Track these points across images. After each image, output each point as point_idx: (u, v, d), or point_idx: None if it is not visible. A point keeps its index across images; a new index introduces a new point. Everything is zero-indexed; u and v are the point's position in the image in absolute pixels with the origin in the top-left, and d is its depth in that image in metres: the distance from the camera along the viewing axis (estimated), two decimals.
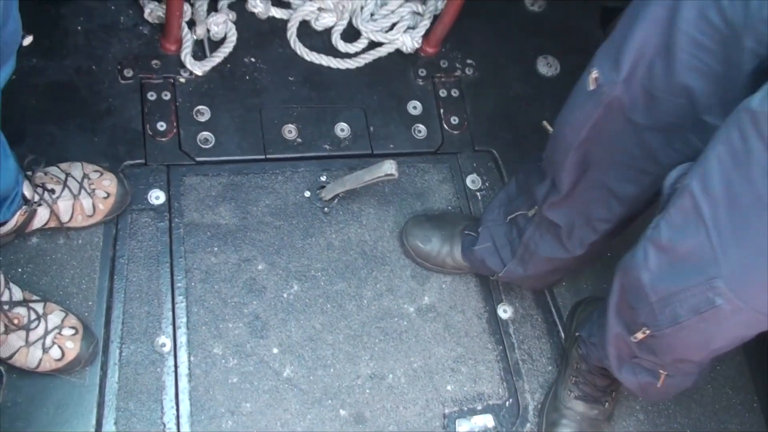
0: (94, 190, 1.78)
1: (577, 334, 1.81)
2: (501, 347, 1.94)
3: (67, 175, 1.77)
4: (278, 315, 1.86)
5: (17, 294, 1.63)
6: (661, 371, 1.50)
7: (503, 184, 2.10)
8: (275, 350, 1.83)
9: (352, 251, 1.97)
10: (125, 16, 2.08)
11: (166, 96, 2.00)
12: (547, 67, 2.38)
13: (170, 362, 1.76)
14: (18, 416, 1.63)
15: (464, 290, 1.99)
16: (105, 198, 1.79)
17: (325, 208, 1.99)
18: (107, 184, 1.80)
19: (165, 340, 1.78)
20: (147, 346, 1.77)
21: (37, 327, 1.62)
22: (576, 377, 1.83)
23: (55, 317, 1.65)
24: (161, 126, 1.96)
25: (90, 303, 1.77)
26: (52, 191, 1.73)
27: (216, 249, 1.89)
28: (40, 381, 1.66)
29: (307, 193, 2.00)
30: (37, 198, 1.70)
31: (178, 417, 1.71)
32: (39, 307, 1.64)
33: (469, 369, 1.90)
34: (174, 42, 2.01)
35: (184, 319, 1.81)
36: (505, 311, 1.99)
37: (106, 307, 1.77)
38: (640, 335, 1.39)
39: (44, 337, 1.62)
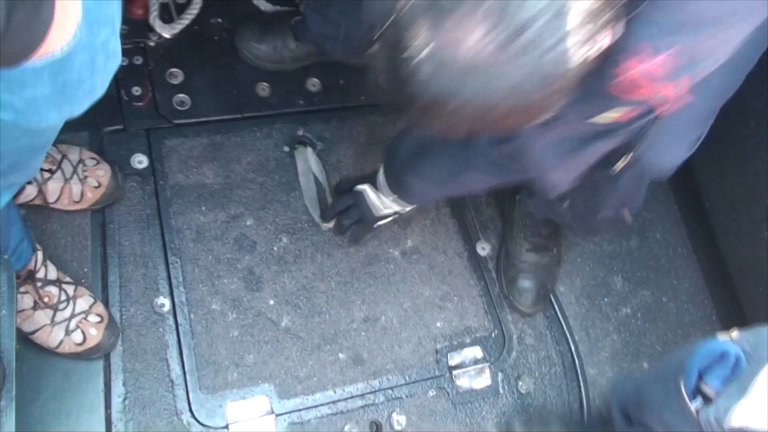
0: (86, 177, 1.78)
1: (516, 197, 2.00)
2: (483, 283, 2.05)
3: (63, 156, 1.76)
4: (271, 268, 1.92)
5: (52, 273, 1.65)
6: None
7: None
8: (271, 302, 1.89)
9: None
10: None
11: (138, 60, 2.00)
12: None
13: (171, 321, 1.80)
14: (26, 386, 1.65)
15: (444, 232, 2.08)
16: (95, 187, 1.79)
17: None
18: (101, 174, 1.79)
19: (164, 301, 1.81)
20: (146, 308, 1.80)
21: (65, 309, 1.64)
22: (524, 232, 2.01)
23: (83, 302, 1.67)
24: (136, 91, 1.97)
25: (86, 270, 1.79)
26: (45, 171, 1.73)
27: (204, 208, 1.92)
28: (45, 351, 1.68)
29: (286, 148, 2.04)
30: None
31: (184, 373, 1.76)
32: (70, 290, 1.66)
33: (455, 305, 2.00)
34: (141, 6, 2.01)
35: (180, 279, 1.84)
36: (483, 248, 2.09)
37: (101, 272, 1.80)
38: None
39: (70, 319, 1.64)
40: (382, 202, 1.82)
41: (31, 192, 1.72)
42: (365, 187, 1.83)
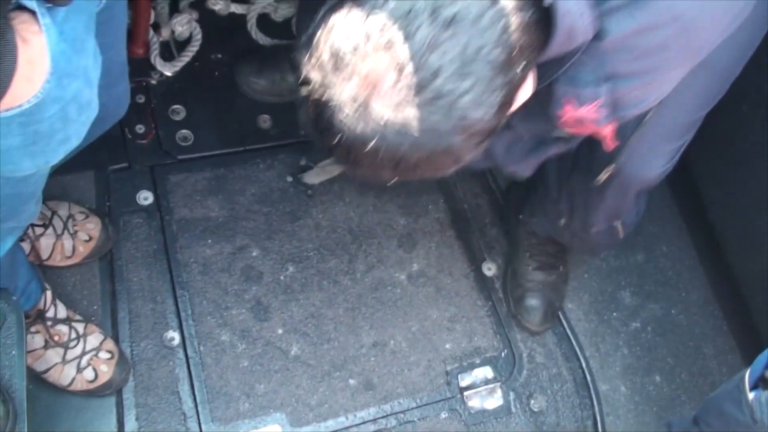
0: (76, 231, 1.80)
1: (520, 217, 2.00)
2: (490, 303, 2.05)
3: (54, 213, 1.79)
4: (278, 297, 1.93)
5: (62, 312, 1.67)
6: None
7: None
8: (280, 331, 1.90)
9: (339, 229, 2.05)
10: None
11: (141, 99, 2.04)
12: None
13: (181, 355, 1.82)
14: (40, 424, 1.67)
15: (449, 254, 2.09)
16: (86, 241, 1.81)
17: (309, 191, 2.06)
18: (91, 227, 1.82)
19: (173, 334, 1.83)
20: (156, 342, 1.82)
21: (75, 346, 1.66)
22: (530, 251, 2.02)
23: (94, 339, 1.70)
24: (140, 129, 2.00)
25: (95, 307, 1.81)
26: (36, 227, 1.75)
27: (210, 241, 1.95)
28: (57, 389, 1.70)
29: (290, 178, 2.06)
30: None
31: (196, 405, 1.77)
32: (80, 327, 1.68)
33: (464, 326, 2.01)
34: (141, 46, 2.05)
35: (189, 312, 1.86)
36: (489, 269, 2.09)
37: (110, 309, 1.82)
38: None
39: (81, 357, 1.66)
40: None
41: (25, 249, 1.74)
42: None
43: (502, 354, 2.00)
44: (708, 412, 1.69)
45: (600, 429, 1.97)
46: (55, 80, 0.90)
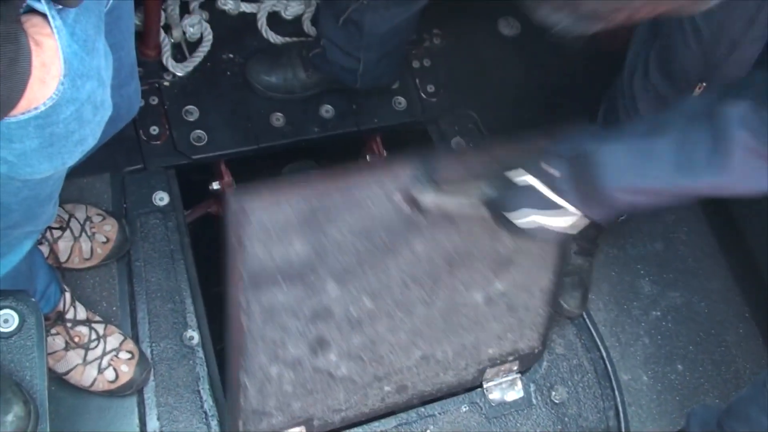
0: (94, 233, 1.81)
1: None
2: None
3: (71, 216, 1.80)
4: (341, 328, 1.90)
5: (81, 313, 1.68)
6: None
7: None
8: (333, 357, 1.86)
9: (437, 258, 1.68)
10: None
11: (154, 101, 2.05)
12: (509, 27, 2.47)
13: (200, 353, 1.82)
14: (63, 426, 1.68)
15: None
16: (104, 243, 1.82)
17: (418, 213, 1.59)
18: (108, 229, 1.83)
19: (192, 333, 1.84)
20: (176, 342, 1.82)
21: (96, 347, 1.67)
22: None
23: (113, 340, 1.71)
24: (154, 130, 2.01)
25: (114, 308, 1.82)
26: (54, 230, 1.77)
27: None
28: (79, 390, 1.71)
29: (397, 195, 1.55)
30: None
31: (217, 404, 1.78)
32: (100, 328, 1.70)
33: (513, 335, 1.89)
34: (153, 47, 2.06)
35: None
36: None
37: (130, 309, 1.83)
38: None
39: (101, 357, 1.68)
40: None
41: (43, 252, 1.75)
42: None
43: (535, 351, 1.99)
44: (732, 417, 1.67)
45: (622, 419, 1.95)
46: (69, 81, 0.91)
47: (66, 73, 0.89)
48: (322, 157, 2.61)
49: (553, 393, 1.95)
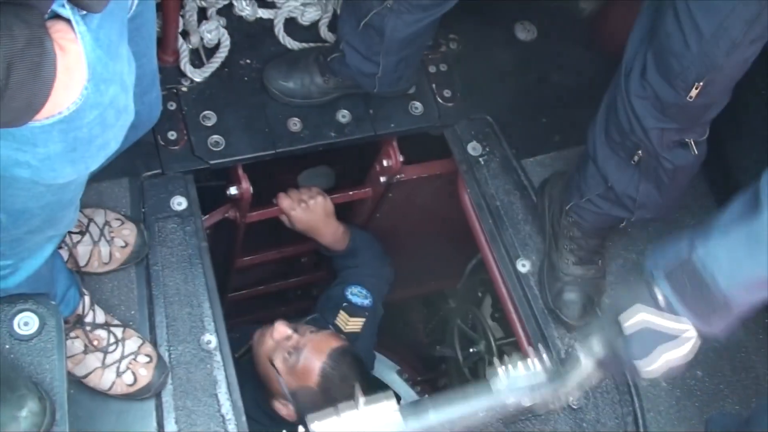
0: (113, 238, 1.82)
1: (566, 207, 1.95)
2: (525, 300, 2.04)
3: (90, 220, 1.82)
4: None
5: (100, 317, 1.70)
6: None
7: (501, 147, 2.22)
8: None
9: None
10: None
11: (172, 106, 2.06)
12: (525, 32, 2.47)
13: (218, 357, 1.83)
14: (82, 428, 1.69)
15: None
16: (123, 247, 1.83)
17: None
18: (127, 233, 1.84)
19: (210, 337, 1.84)
20: (194, 345, 1.83)
21: (114, 351, 1.69)
22: (570, 245, 1.98)
23: (132, 343, 1.72)
24: (172, 135, 2.02)
25: (133, 312, 1.83)
26: (73, 235, 1.78)
27: None
28: (98, 393, 1.72)
29: None
30: None
31: (234, 407, 1.78)
32: (118, 332, 1.71)
33: None
34: (171, 54, 2.07)
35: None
36: (523, 265, 2.08)
37: (148, 313, 1.84)
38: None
39: (120, 361, 1.69)
40: None
41: (63, 256, 1.76)
42: None
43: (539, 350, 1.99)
44: (753, 426, 1.65)
45: (641, 425, 1.94)
46: (93, 86, 0.91)
47: (90, 78, 0.90)
48: (338, 161, 2.63)
49: (571, 398, 1.93)
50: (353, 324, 2.16)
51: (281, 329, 1.90)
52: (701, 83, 1.48)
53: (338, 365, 1.87)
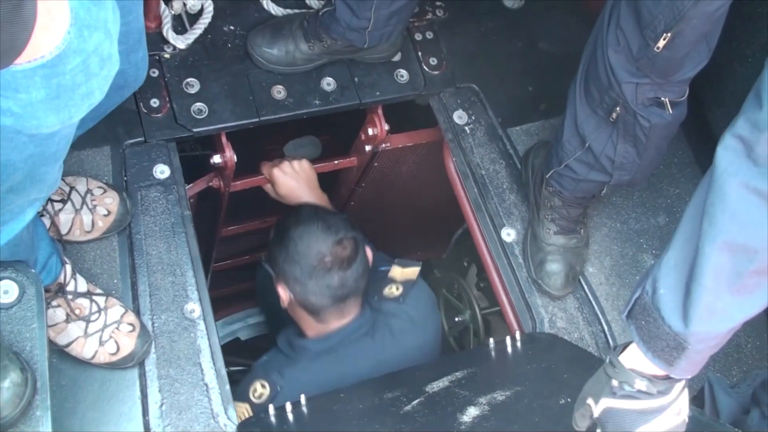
0: (95, 206, 1.80)
1: (546, 176, 1.96)
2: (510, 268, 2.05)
3: (72, 188, 1.79)
4: None
5: (82, 285, 1.68)
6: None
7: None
8: None
9: None
10: None
11: (155, 73, 2.03)
12: (512, 0, 2.45)
13: (201, 326, 1.82)
14: (65, 397, 1.69)
15: None
16: (105, 216, 1.81)
17: None
18: (109, 201, 1.82)
19: (193, 306, 1.84)
20: (177, 314, 1.83)
21: (97, 319, 1.67)
22: (551, 215, 1.99)
23: (114, 312, 1.71)
24: (155, 102, 2.00)
25: (115, 281, 1.82)
26: (55, 203, 1.76)
27: None
28: (81, 362, 1.71)
29: None
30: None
31: (218, 376, 1.78)
32: (101, 301, 1.69)
33: None
34: (154, 19, 2.04)
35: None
36: (508, 234, 2.08)
37: (131, 282, 1.83)
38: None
39: (102, 330, 1.67)
40: None
41: (45, 224, 1.75)
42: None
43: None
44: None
45: None
46: (76, 31, 0.90)
47: (72, 23, 0.89)
48: (322, 129, 2.61)
49: None
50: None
51: None
52: (669, 34, 1.48)
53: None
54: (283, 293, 1.88)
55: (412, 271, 1.99)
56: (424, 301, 2.01)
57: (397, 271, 1.99)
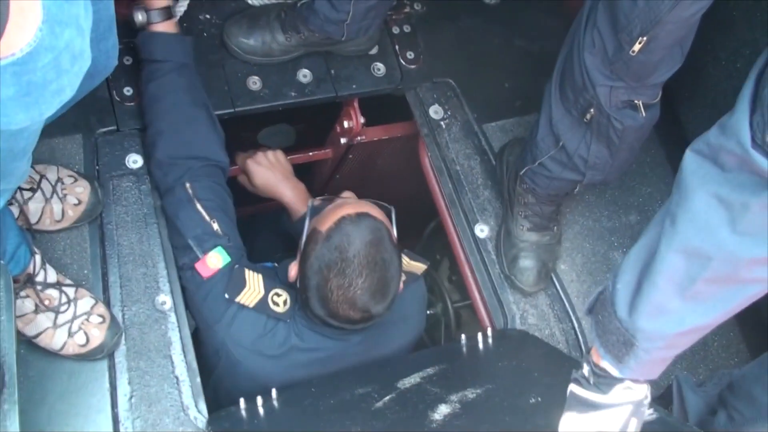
0: (65, 195, 1.78)
1: (521, 173, 1.97)
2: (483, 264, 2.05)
3: (42, 177, 1.77)
4: None
5: (52, 276, 1.66)
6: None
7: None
8: None
9: None
10: None
11: (128, 61, 2.00)
12: None
13: (173, 318, 1.81)
14: (33, 389, 1.67)
15: None
16: (75, 205, 1.79)
17: None
18: (80, 191, 1.80)
19: (165, 298, 1.82)
20: (148, 306, 1.81)
21: (66, 311, 1.65)
22: (525, 211, 2.01)
23: (84, 303, 1.69)
24: (128, 91, 1.98)
25: (85, 271, 1.80)
26: (25, 191, 1.73)
27: None
28: (49, 353, 1.69)
29: None
30: None
31: (189, 369, 1.77)
32: (71, 292, 1.67)
33: None
34: (126, 7, 2.01)
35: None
36: (481, 230, 2.09)
37: (101, 273, 1.81)
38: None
39: (72, 321, 1.66)
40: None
41: (13, 213, 1.72)
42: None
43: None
44: (735, 395, 1.69)
45: None
46: (48, 28, 0.89)
47: (44, 20, 0.87)
48: (298, 121, 2.60)
49: None
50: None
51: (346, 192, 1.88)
52: (645, 38, 1.49)
53: (358, 222, 1.64)
54: (293, 271, 1.74)
55: (417, 266, 1.94)
56: (417, 299, 1.98)
57: (405, 260, 1.89)
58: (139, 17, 1.84)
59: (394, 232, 1.73)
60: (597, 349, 1.32)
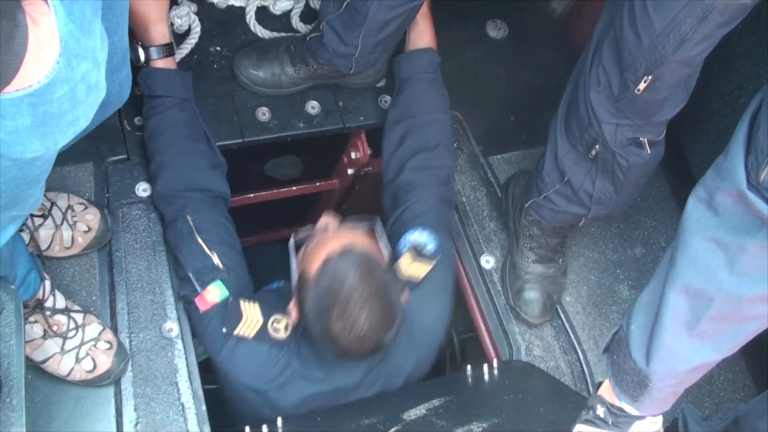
0: (75, 222, 1.80)
1: (526, 205, 1.98)
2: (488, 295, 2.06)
3: (53, 204, 1.79)
4: None
5: (60, 302, 1.67)
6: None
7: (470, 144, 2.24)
8: None
9: None
10: None
11: (139, 91, 2.03)
12: (496, 30, 2.48)
13: (179, 345, 1.82)
14: (38, 414, 1.68)
15: None
16: (85, 232, 1.81)
17: None
18: (90, 218, 1.82)
19: (171, 325, 1.83)
20: (155, 333, 1.82)
21: (74, 336, 1.67)
22: (530, 243, 2.02)
23: (92, 329, 1.70)
24: (138, 120, 2.00)
25: (94, 298, 1.81)
26: (35, 218, 1.75)
27: None
28: (56, 379, 1.70)
29: None
30: None
31: (195, 396, 1.78)
32: (79, 318, 1.69)
33: None
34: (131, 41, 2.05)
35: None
36: (487, 261, 2.11)
37: (109, 300, 1.83)
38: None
39: (79, 347, 1.67)
40: None
41: (24, 239, 1.74)
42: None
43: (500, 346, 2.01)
44: (741, 428, 1.70)
45: None
46: (65, 61, 0.91)
47: (62, 53, 0.90)
48: (306, 151, 2.62)
49: None
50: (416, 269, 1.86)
51: (324, 218, 1.75)
52: (650, 77, 1.51)
53: (343, 259, 1.58)
54: (294, 314, 1.70)
55: (421, 268, 1.83)
56: (424, 307, 1.83)
57: (405, 262, 1.83)
58: (140, 54, 1.87)
59: (383, 244, 1.71)
60: (612, 389, 1.33)
